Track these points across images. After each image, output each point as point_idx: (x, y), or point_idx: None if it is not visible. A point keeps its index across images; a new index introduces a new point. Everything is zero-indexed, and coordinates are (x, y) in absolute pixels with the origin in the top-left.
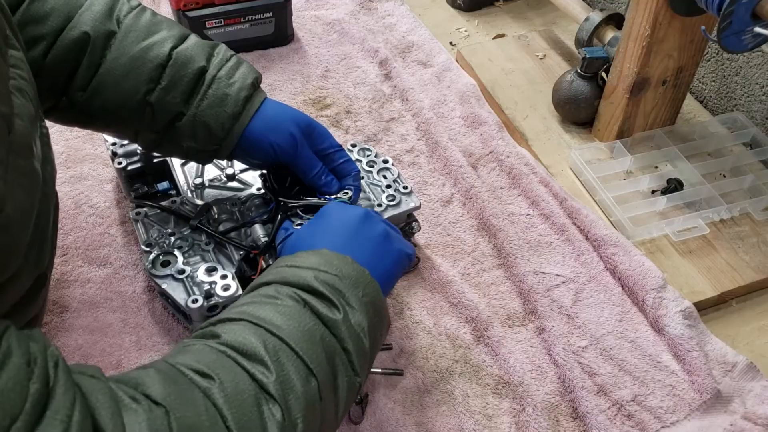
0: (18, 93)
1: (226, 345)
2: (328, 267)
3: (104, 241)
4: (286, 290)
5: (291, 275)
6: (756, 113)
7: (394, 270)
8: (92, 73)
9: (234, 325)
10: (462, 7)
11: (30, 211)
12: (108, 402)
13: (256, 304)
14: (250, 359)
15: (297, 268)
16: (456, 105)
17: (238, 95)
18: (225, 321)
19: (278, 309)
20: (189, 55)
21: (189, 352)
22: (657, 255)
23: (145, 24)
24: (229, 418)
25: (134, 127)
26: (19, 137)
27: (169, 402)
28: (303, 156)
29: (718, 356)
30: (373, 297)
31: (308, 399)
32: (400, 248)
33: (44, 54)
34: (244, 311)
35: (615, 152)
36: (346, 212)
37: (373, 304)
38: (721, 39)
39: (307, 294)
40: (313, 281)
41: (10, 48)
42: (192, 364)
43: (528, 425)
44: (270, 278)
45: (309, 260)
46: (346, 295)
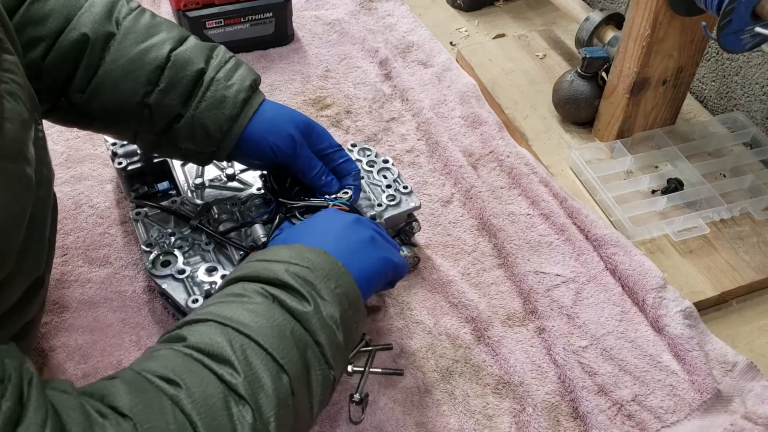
0: (9, 97)
1: (192, 347)
2: (300, 259)
3: (104, 241)
4: (254, 287)
5: (261, 269)
6: (756, 113)
7: (373, 273)
8: (91, 75)
9: (200, 327)
10: (462, 7)
11: (20, 216)
12: (79, 418)
13: (223, 303)
14: (216, 360)
15: (268, 261)
16: (456, 105)
17: (236, 97)
18: (191, 323)
19: (245, 307)
20: (187, 57)
21: (155, 358)
22: (657, 255)
23: (144, 26)
24: (199, 425)
25: (133, 129)
26: (9, 141)
27: (136, 413)
28: (302, 156)
29: (718, 356)
30: (347, 288)
31: (279, 396)
32: (385, 255)
33: (43, 55)
34: (210, 311)
35: (615, 152)
36: (335, 216)
37: (347, 296)
38: (721, 38)
39: (276, 288)
40: (283, 274)
41: (4, 52)
42: (158, 370)
43: (528, 425)
44: (240, 273)
45: (280, 254)
46: (317, 287)
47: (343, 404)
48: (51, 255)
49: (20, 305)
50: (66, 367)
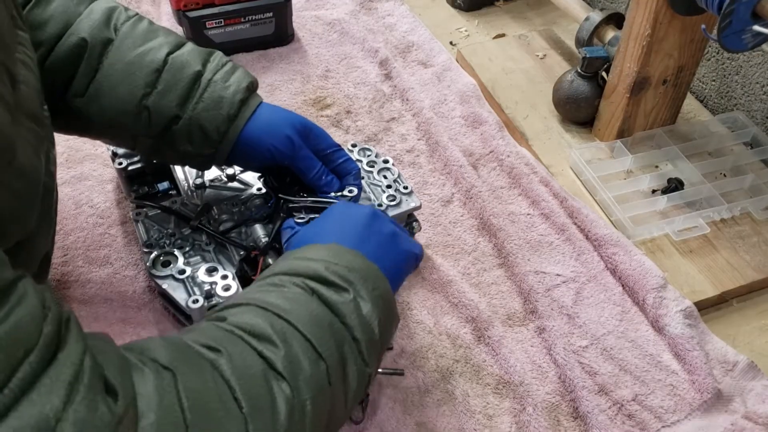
0: (23, 66)
1: (234, 325)
2: (339, 260)
3: (105, 241)
4: (294, 279)
5: (300, 266)
6: (756, 112)
7: (402, 269)
8: (89, 79)
9: (240, 309)
10: (462, 6)
11: (38, 166)
12: (117, 360)
13: (263, 291)
14: (258, 338)
15: (307, 260)
16: (456, 105)
17: (234, 98)
18: (231, 306)
19: (285, 294)
20: (185, 60)
21: (194, 330)
22: (657, 254)
23: (142, 31)
24: (237, 390)
25: (131, 133)
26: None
27: (176, 366)
28: (301, 157)
29: (718, 356)
30: (383, 292)
31: (318, 382)
32: (408, 248)
33: (42, 60)
34: (249, 297)
35: (615, 152)
36: (354, 210)
37: (383, 299)
38: (722, 38)
39: (315, 282)
40: (323, 271)
41: (18, 29)
42: (199, 338)
43: (528, 425)
44: (277, 269)
45: (319, 253)
46: (356, 287)
47: None
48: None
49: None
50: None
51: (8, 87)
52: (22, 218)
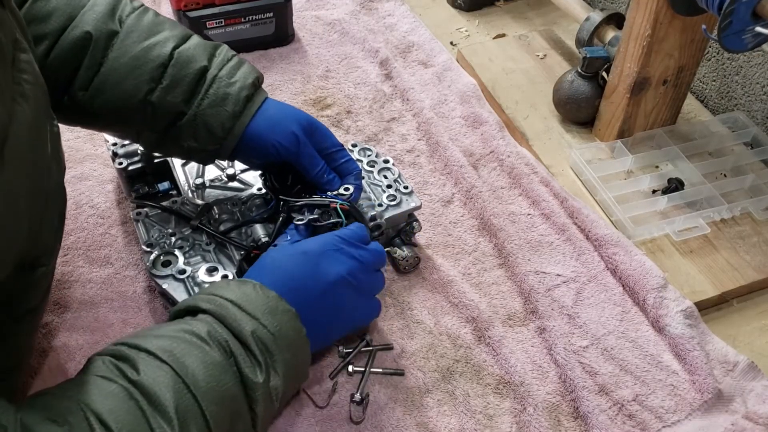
0: (21, 99)
1: (140, 389)
2: (270, 319)
3: (105, 241)
4: (221, 335)
5: (232, 319)
6: (757, 113)
7: (334, 337)
8: (94, 73)
9: (157, 370)
10: (462, 7)
11: (20, 222)
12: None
13: (187, 345)
14: (156, 411)
15: (241, 310)
16: (456, 105)
17: (239, 94)
18: (150, 354)
19: (205, 360)
20: (190, 55)
21: (99, 389)
22: (658, 254)
23: (147, 24)
24: None
25: (136, 127)
26: (16, 149)
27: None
28: (305, 155)
29: (719, 356)
30: (301, 359)
31: None
32: (353, 321)
33: (46, 53)
34: (173, 351)
35: (616, 152)
36: (322, 261)
37: (297, 368)
38: (722, 38)
39: (239, 346)
40: (248, 337)
41: (19, 52)
42: (98, 409)
43: (529, 425)
44: (212, 307)
45: (256, 303)
46: (275, 358)
47: (344, 404)
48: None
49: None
50: (67, 367)
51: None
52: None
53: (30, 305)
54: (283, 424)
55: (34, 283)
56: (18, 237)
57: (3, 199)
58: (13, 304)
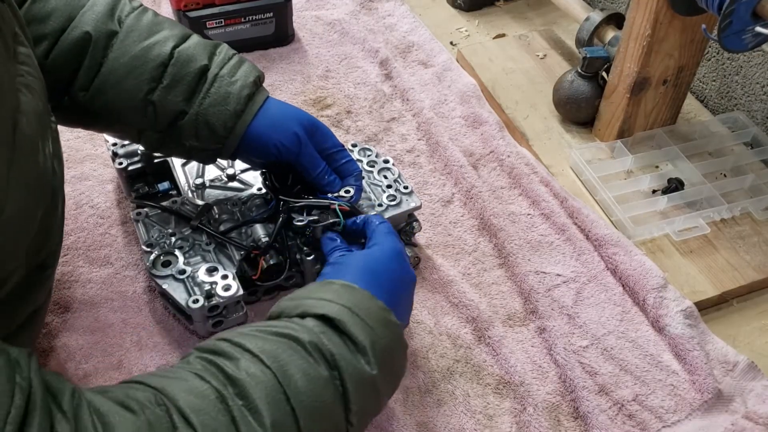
0: (26, 89)
1: (237, 387)
2: (384, 331)
3: (105, 241)
4: (326, 347)
5: (353, 327)
6: (756, 113)
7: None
8: (94, 73)
9: (259, 373)
10: (462, 7)
11: (33, 211)
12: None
13: (292, 353)
14: (250, 414)
15: (360, 318)
16: (456, 105)
17: (240, 93)
18: (254, 356)
19: (309, 372)
20: (191, 54)
21: (189, 386)
22: (658, 254)
23: (146, 24)
24: None
25: (137, 127)
26: (23, 136)
27: None
28: (306, 155)
29: (719, 356)
30: (400, 372)
31: None
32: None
33: (46, 54)
34: (278, 358)
35: (616, 152)
36: (402, 258)
37: (396, 380)
38: (722, 38)
39: (349, 357)
40: (368, 348)
41: (18, 45)
42: (183, 405)
43: (529, 425)
44: (331, 312)
45: (371, 311)
46: (384, 369)
47: None
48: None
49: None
50: (67, 367)
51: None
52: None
53: (36, 305)
54: None
55: (42, 282)
56: (31, 228)
57: (17, 185)
58: (22, 304)
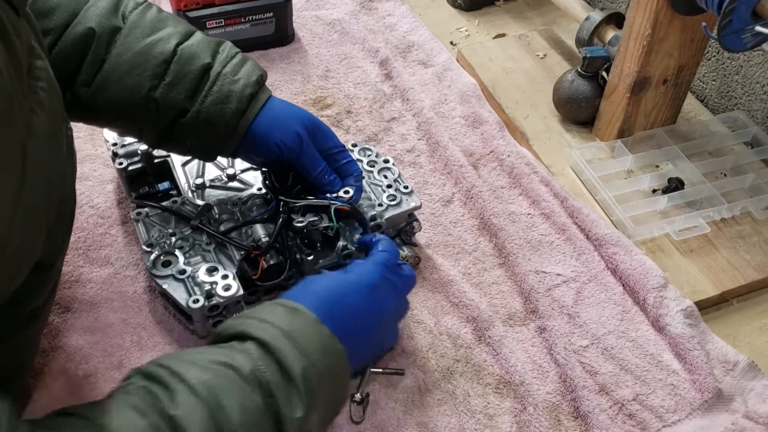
0: (39, 108)
1: (171, 424)
2: (321, 357)
3: (105, 241)
4: (264, 374)
5: (283, 354)
6: (757, 112)
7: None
8: (96, 69)
9: (193, 407)
10: (462, 6)
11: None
12: None
13: (228, 383)
14: None
15: (293, 345)
16: (456, 105)
17: (243, 92)
18: (189, 387)
19: (244, 402)
20: (194, 52)
21: (128, 423)
22: (658, 254)
23: (150, 20)
24: None
25: (139, 124)
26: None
27: None
28: (307, 154)
29: (719, 355)
30: (341, 396)
31: None
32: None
33: (49, 49)
34: (212, 389)
35: (616, 151)
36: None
37: (336, 404)
38: (722, 38)
39: (281, 385)
40: (298, 376)
41: (35, 58)
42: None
43: (529, 425)
44: (265, 337)
45: (309, 337)
46: (317, 399)
47: None
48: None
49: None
50: (67, 367)
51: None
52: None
53: (36, 304)
54: None
55: (42, 282)
56: (37, 247)
57: (25, 213)
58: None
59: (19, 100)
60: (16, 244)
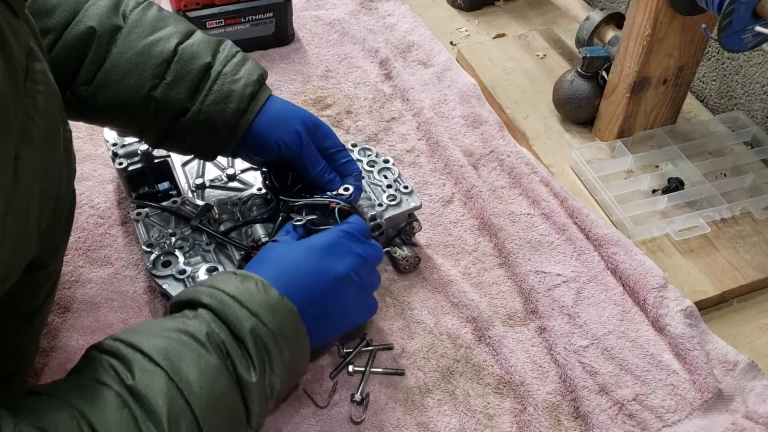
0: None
1: (134, 394)
2: (271, 318)
3: (105, 241)
4: (218, 336)
5: (232, 316)
6: (756, 112)
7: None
8: (97, 68)
9: (151, 374)
10: (462, 6)
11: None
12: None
13: (183, 348)
14: (149, 418)
15: (242, 306)
16: (456, 105)
17: (243, 91)
18: (145, 356)
19: (200, 364)
20: (194, 51)
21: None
22: (658, 254)
23: (151, 19)
24: None
25: (139, 123)
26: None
27: None
28: (307, 153)
29: (719, 355)
30: (300, 357)
31: None
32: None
33: (49, 48)
34: (168, 355)
35: (616, 151)
36: (329, 256)
37: (296, 365)
38: (722, 38)
39: (235, 345)
40: (247, 336)
41: (34, 61)
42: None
43: (529, 425)
44: (213, 302)
45: (257, 298)
46: (272, 357)
47: (344, 404)
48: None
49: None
50: (67, 367)
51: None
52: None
53: (34, 305)
54: (283, 423)
55: (38, 282)
56: (29, 249)
57: (16, 218)
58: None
59: (14, 107)
60: (6, 249)
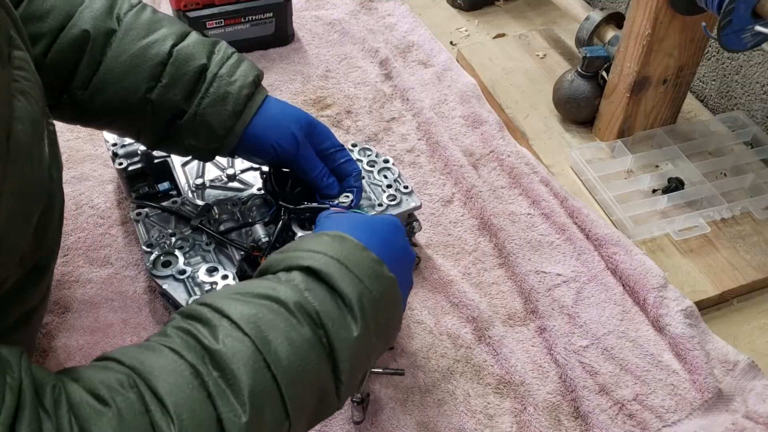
0: (21, 95)
1: (216, 360)
2: (376, 285)
3: (105, 241)
4: (311, 304)
5: (338, 280)
6: (756, 112)
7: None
8: (92, 72)
9: (237, 343)
10: (462, 6)
11: (28, 218)
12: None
13: (273, 316)
14: (229, 389)
15: (348, 270)
16: (456, 105)
17: (240, 93)
18: (233, 323)
19: (291, 336)
20: (189, 53)
21: (165, 363)
22: (658, 254)
23: (145, 22)
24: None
25: (136, 126)
26: (18, 144)
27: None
28: (304, 156)
29: (719, 355)
30: (395, 326)
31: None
32: (407, 295)
33: (44, 52)
34: (257, 323)
35: (616, 151)
36: (402, 235)
37: (392, 332)
38: (722, 38)
39: (335, 309)
40: (354, 302)
41: (14, 48)
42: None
43: (529, 425)
44: (317, 265)
45: (362, 265)
46: (372, 326)
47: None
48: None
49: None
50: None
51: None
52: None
53: (30, 306)
54: None
55: (35, 283)
56: (25, 236)
57: (12, 194)
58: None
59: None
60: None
